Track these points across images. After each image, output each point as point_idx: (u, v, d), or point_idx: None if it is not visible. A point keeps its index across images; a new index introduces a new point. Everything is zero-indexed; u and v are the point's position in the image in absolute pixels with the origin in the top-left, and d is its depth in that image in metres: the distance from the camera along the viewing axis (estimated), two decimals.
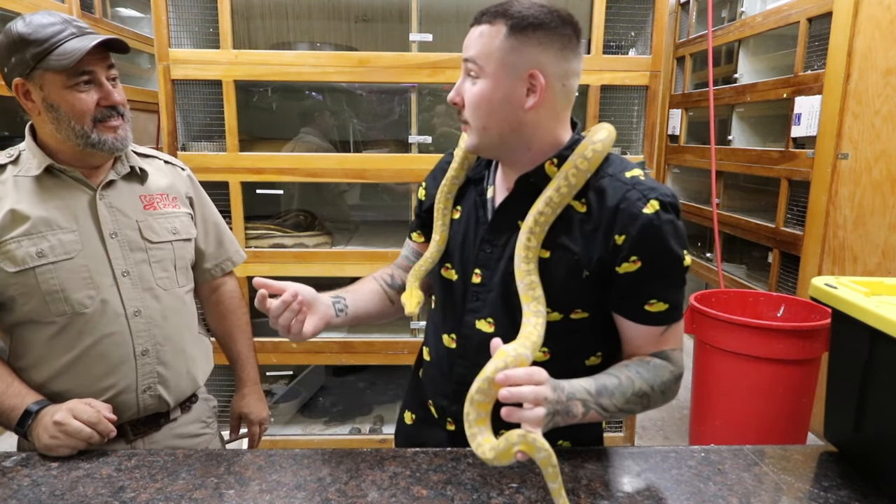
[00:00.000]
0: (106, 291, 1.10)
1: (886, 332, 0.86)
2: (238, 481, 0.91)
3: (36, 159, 1.09)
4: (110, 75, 1.10)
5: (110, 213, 1.13)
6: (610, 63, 2.10)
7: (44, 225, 1.07)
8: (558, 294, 0.95)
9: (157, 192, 1.21)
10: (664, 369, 0.95)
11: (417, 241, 1.18)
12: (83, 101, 1.06)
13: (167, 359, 1.17)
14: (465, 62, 0.92)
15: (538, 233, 0.92)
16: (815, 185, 2.67)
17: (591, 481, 0.92)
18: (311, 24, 2.54)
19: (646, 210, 0.89)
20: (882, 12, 2.33)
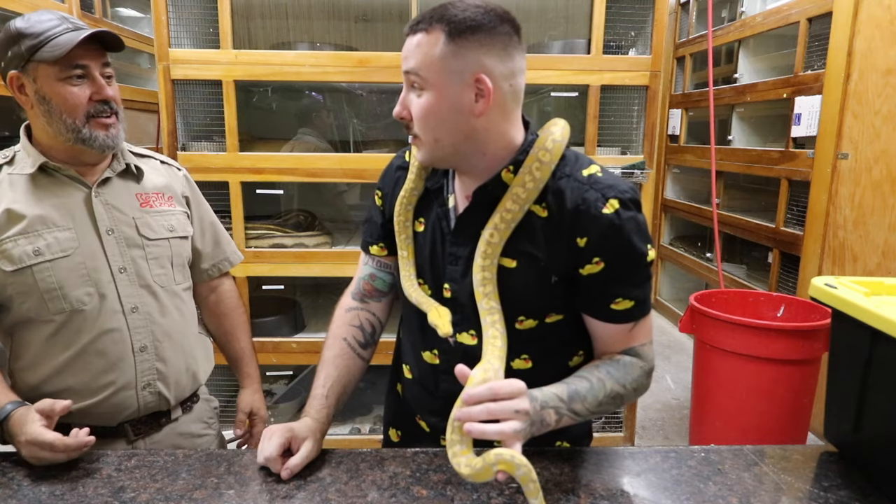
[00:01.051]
0: (104, 288, 1.10)
1: (886, 332, 0.86)
2: (238, 481, 0.91)
3: (30, 158, 1.09)
4: (105, 72, 1.09)
5: (106, 211, 1.12)
6: (610, 63, 2.10)
7: (40, 223, 1.06)
8: (530, 301, 0.95)
9: (153, 190, 1.20)
10: (634, 367, 0.95)
11: (380, 255, 1.12)
12: (75, 95, 1.05)
13: (166, 355, 1.16)
14: (407, 74, 0.88)
15: (496, 243, 0.91)
16: (815, 185, 2.67)
17: (590, 481, 0.92)
18: (311, 24, 2.54)
19: (605, 210, 0.88)
20: (882, 12, 2.33)
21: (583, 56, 2.12)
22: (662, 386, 3.20)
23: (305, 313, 2.49)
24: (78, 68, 1.04)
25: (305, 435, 0.96)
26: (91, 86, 1.06)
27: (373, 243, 1.12)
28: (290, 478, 0.91)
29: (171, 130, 2.08)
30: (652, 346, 0.99)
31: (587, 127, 2.13)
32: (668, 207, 4.37)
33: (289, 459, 0.92)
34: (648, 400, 3.00)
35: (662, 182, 4.36)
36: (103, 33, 1.06)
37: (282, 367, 2.44)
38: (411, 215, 1.04)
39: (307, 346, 2.28)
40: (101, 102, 1.08)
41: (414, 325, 1.07)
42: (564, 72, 2.09)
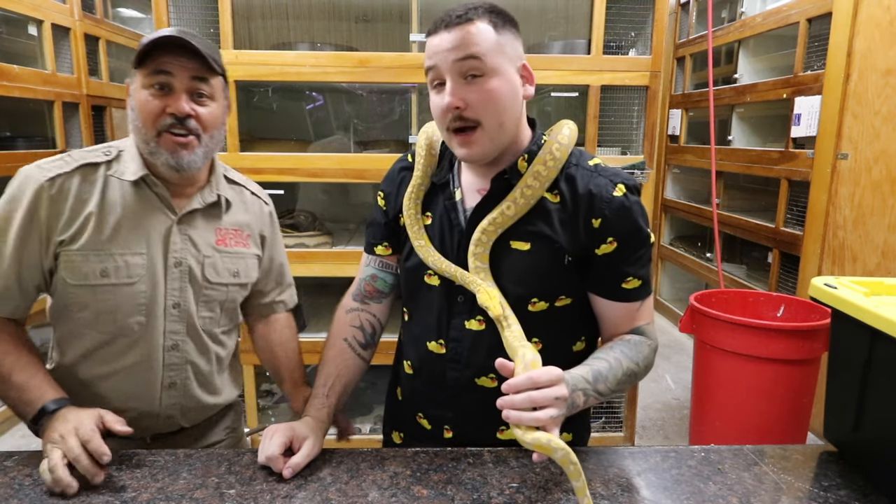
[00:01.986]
0: (154, 320, 1.07)
1: (886, 332, 0.87)
2: (239, 481, 0.91)
3: (134, 164, 1.06)
4: (196, 88, 1.02)
5: (182, 242, 1.09)
6: (610, 63, 2.10)
7: (115, 243, 1.04)
8: (542, 283, 0.99)
9: (234, 226, 1.16)
10: (643, 345, 1.01)
11: (384, 254, 1.14)
12: (150, 102, 1.00)
13: (192, 394, 1.14)
14: (464, 60, 0.90)
15: (493, 231, 0.97)
16: (814, 186, 2.67)
17: (590, 481, 0.92)
18: (312, 25, 2.54)
19: (616, 193, 0.95)
20: (882, 13, 2.33)
21: (583, 56, 2.12)
22: (662, 386, 3.20)
23: (307, 313, 2.49)
24: (161, 74, 0.99)
25: (306, 434, 0.96)
26: (168, 99, 1.01)
27: (377, 244, 1.14)
28: (292, 477, 0.92)
29: None
30: (654, 326, 1.06)
31: (587, 127, 2.13)
32: (668, 207, 4.37)
33: (290, 458, 0.92)
34: (648, 400, 3.00)
35: (662, 182, 4.36)
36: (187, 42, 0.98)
37: None
38: (420, 208, 1.07)
39: (308, 346, 2.26)
40: (177, 118, 1.01)
41: (418, 316, 1.08)
42: (564, 72, 2.09)
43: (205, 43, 1.03)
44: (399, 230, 1.10)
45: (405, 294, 1.12)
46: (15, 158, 2.54)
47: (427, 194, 1.07)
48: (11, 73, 2.54)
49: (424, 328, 1.07)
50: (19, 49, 2.83)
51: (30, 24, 2.73)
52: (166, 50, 0.99)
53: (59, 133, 2.82)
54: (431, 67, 0.94)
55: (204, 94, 1.04)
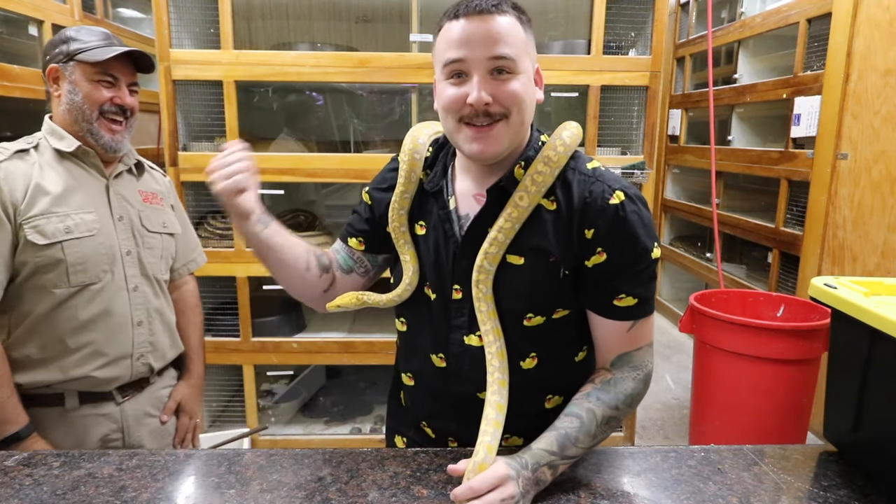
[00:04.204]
0: (115, 267, 1.26)
1: (886, 331, 0.87)
2: (239, 481, 0.91)
3: (64, 140, 1.25)
4: (131, 87, 1.29)
5: (117, 200, 1.29)
6: (610, 63, 2.10)
7: (68, 204, 1.21)
8: (539, 297, 0.94)
9: (150, 191, 1.38)
10: (626, 381, 0.94)
11: (355, 247, 1.09)
12: (99, 92, 1.24)
13: (157, 330, 1.34)
14: (496, 60, 0.85)
15: (502, 241, 0.91)
16: (814, 186, 2.67)
17: (591, 481, 0.92)
18: (312, 25, 2.54)
19: (612, 201, 0.89)
20: (881, 13, 2.34)
21: (583, 56, 2.12)
22: (662, 386, 3.20)
23: (306, 313, 2.50)
24: (109, 76, 1.24)
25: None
26: (115, 91, 1.25)
27: (351, 235, 1.09)
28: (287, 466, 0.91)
29: (171, 131, 2.08)
30: (651, 349, 0.98)
31: (587, 127, 2.13)
32: (668, 207, 4.37)
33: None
34: (648, 400, 3.01)
35: (662, 182, 4.36)
36: (138, 53, 1.26)
37: (282, 367, 2.44)
38: (406, 220, 1.02)
39: (307, 346, 2.28)
40: (119, 107, 1.25)
41: (417, 328, 1.04)
42: (564, 72, 2.09)
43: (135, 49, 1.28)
44: (385, 235, 1.05)
45: (400, 304, 1.06)
46: None
47: (420, 202, 1.01)
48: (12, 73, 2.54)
49: (424, 340, 1.03)
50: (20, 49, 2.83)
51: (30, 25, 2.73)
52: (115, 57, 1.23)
53: None
54: (455, 60, 0.86)
55: (136, 91, 1.31)
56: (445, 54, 0.88)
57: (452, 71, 0.88)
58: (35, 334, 1.21)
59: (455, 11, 0.88)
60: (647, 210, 0.93)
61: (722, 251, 3.35)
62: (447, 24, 0.88)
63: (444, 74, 0.89)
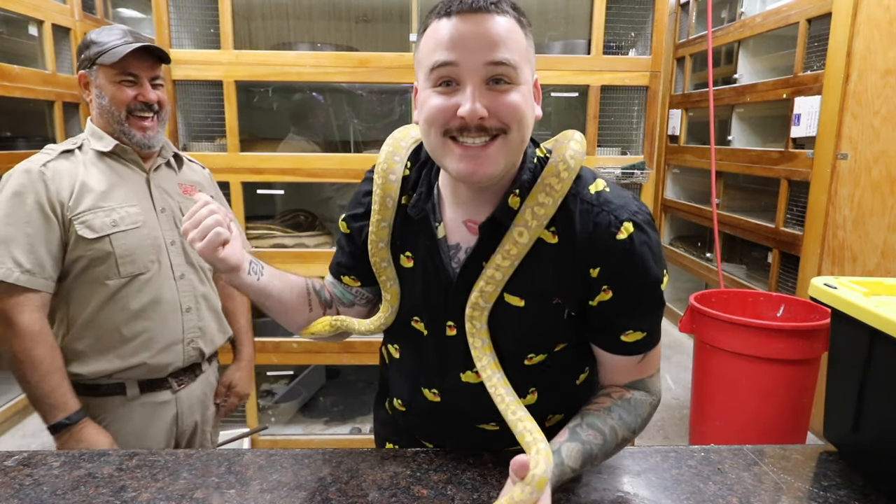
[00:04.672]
0: (161, 257, 1.32)
1: (885, 331, 0.87)
2: (239, 481, 0.91)
3: (103, 141, 1.30)
4: (154, 81, 1.31)
5: (158, 193, 1.34)
6: (610, 63, 2.10)
7: (113, 199, 1.27)
8: (541, 339, 0.88)
9: (189, 183, 1.42)
10: (644, 405, 0.89)
11: (351, 284, 1.00)
12: (123, 92, 1.28)
13: (204, 316, 1.39)
14: (495, 66, 0.74)
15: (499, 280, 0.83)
16: (814, 186, 2.67)
17: (590, 480, 0.92)
18: (312, 25, 2.54)
19: (620, 236, 0.80)
20: (881, 13, 2.34)
21: (583, 56, 2.12)
22: (662, 386, 3.20)
23: None
24: (129, 75, 1.27)
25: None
26: (137, 89, 1.29)
27: (344, 273, 1.00)
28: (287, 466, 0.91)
29: (171, 131, 2.08)
30: (659, 375, 0.94)
31: (587, 127, 2.13)
32: (668, 207, 4.37)
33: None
34: None
35: (662, 182, 4.36)
36: (152, 47, 1.29)
37: (282, 366, 2.44)
38: (388, 252, 0.91)
39: (307, 346, 2.28)
40: (144, 104, 1.29)
41: (408, 359, 0.98)
42: (564, 72, 2.09)
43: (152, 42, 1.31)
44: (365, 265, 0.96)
45: (390, 332, 0.99)
46: (15, 158, 2.51)
47: (404, 229, 0.90)
48: (12, 74, 2.54)
49: (416, 373, 0.96)
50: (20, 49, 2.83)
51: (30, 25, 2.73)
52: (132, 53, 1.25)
53: (59, 133, 2.82)
54: (445, 63, 0.74)
55: (160, 84, 1.33)
56: (432, 57, 0.75)
57: (441, 77, 0.75)
58: (92, 326, 1.27)
59: (446, 8, 0.75)
60: (656, 233, 0.84)
61: (722, 251, 3.35)
62: (435, 22, 0.76)
63: (430, 81, 0.76)
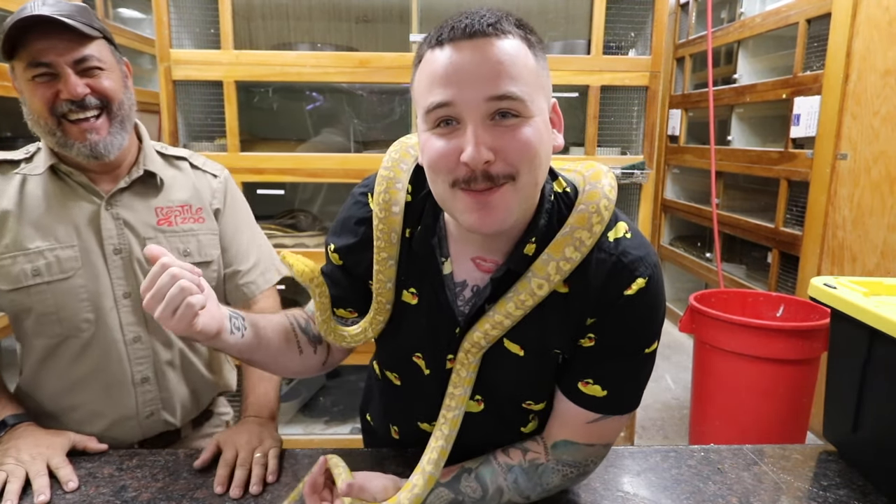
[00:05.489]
0: (105, 314, 1.01)
1: (885, 331, 0.87)
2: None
3: (41, 158, 1.01)
4: (83, 67, 0.94)
5: (117, 227, 1.02)
6: (610, 63, 2.10)
7: (42, 237, 0.97)
8: (538, 388, 0.84)
9: (178, 203, 1.08)
10: (555, 476, 0.82)
11: (346, 316, 0.90)
12: (38, 94, 0.93)
13: (172, 385, 1.09)
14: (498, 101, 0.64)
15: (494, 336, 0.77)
16: (814, 186, 2.67)
17: (590, 480, 0.92)
18: (312, 25, 2.54)
19: (628, 291, 0.74)
20: (881, 13, 2.34)
21: (583, 56, 2.12)
22: (662, 386, 3.20)
23: None
24: (41, 66, 0.92)
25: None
26: (56, 83, 0.93)
27: (340, 307, 0.89)
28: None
29: (171, 131, 2.08)
30: (606, 452, 0.85)
31: (587, 127, 2.13)
32: (667, 207, 4.37)
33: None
34: (648, 400, 3.01)
35: (662, 182, 4.36)
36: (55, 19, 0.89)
37: None
38: (393, 292, 0.83)
39: None
40: (71, 101, 0.93)
41: (404, 393, 0.93)
42: (564, 72, 2.10)
43: (73, 8, 0.93)
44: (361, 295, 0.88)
45: (388, 362, 0.93)
46: None
47: (409, 264, 0.82)
48: None
49: (416, 406, 0.91)
50: None
51: None
52: (35, 31, 0.90)
53: None
54: (441, 104, 0.65)
55: (94, 67, 0.95)
56: (428, 97, 0.66)
57: (438, 118, 0.67)
58: (34, 385, 1.05)
59: (437, 36, 0.66)
60: (663, 291, 0.77)
61: (722, 251, 3.35)
62: (428, 53, 0.67)
63: (428, 123, 0.68)
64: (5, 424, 0.97)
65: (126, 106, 1.00)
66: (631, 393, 0.80)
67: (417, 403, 0.91)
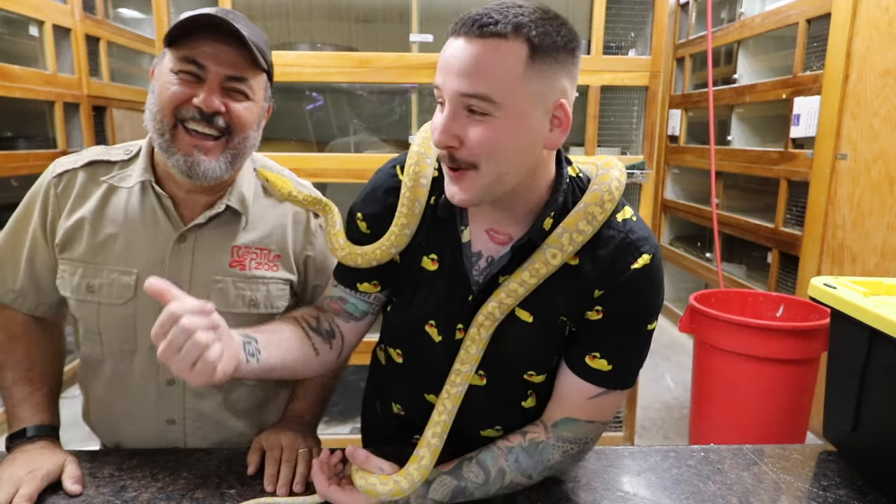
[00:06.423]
0: (145, 350, 0.96)
1: (885, 331, 0.87)
2: (239, 480, 0.91)
3: (138, 168, 0.95)
4: (234, 86, 0.88)
5: (186, 263, 0.94)
6: (610, 63, 2.10)
7: (106, 256, 0.93)
8: (543, 358, 0.88)
9: (257, 244, 0.98)
10: (555, 452, 0.85)
11: (370, 291, 0.93)
12: (173, 87, 0.86)
13: (200, 433, 1.02)
14: (468, 98, 0.71)
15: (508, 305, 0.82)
16: (814, 186, 2.67)
17: (590, 480, 0.92)
18: (312, 25, 2.54)
19: (634, 265, 0.80)
20: (880, 14, 2.34)
21: (583, 56, 2.12)
22: (662, 386, 3.20)
23: None
24: (192, 64, 0.85)
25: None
26: (197, 87, 0.86)
27: (361, 279, 0.92)
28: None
29: None
30: (602, 429, 0.89)
31: (587, 127, 2.13)
32: (667, 207, 4.37)
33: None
34: (648, 399, 3.01)
35: (662, 182, 4.36)
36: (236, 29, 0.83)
37: None
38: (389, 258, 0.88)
39: None
40: (200, 111, 0.86)
41: (410, 364, 0.95)
42: None
43: (253, 30, 0.89)
44: (393, 264, 0.91)
45: (394, 337, 0.96)
46: (16, 158, 2.54)
47: (432, 231, 0.88)
48: (12, 74, 2.54)
49: (419, 379, 0.94)
50: (20, 50, 2.83)
51: (31, 25, 2.73)
52: (205, 32, 0.85)
53: (59, 133, 2.82)
54: (435, 87, 0.76)
55: (242, 92, 0.90)
56: (435, 76, 0.76)
57: (437, 96, 0.77)
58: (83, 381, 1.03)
59: (453, 26, 0.75)
60: (663, 272, 0.85)
61: (721, 251, 3.35)
62: (448, 38, 0.76)
63: (435, 96, 0.77)
64: (24, 434, 0.92)
65: (248, 143, 0.93)
66: (633, 368, 0.86)
67: (422, 376, 0.93)
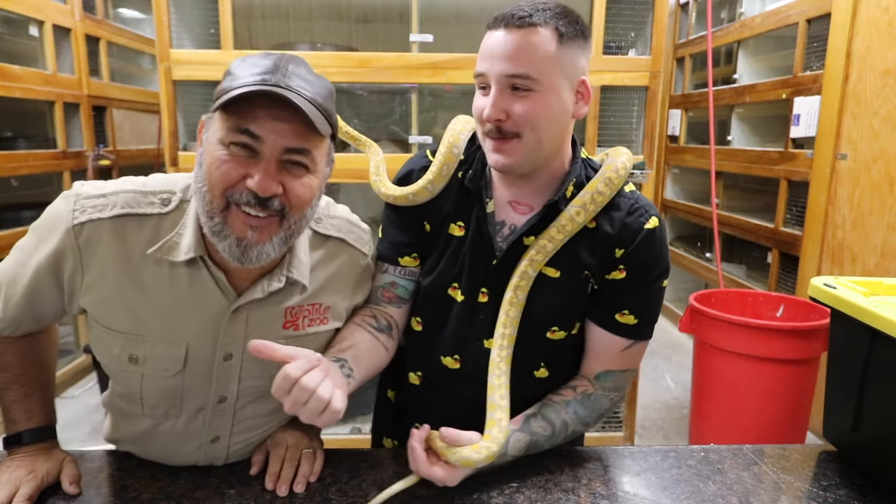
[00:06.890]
0: (191, 414, 0.92)
1: (885, 331, 0.87)
2: (239, 480, 0.91)
3: (188, 240, 0.84)
4: (292, 158, 0.79)
5: (240, 333, 0.89)
6: (610, 63, 2.10)
7: (150, 327, 0.85)
8: (567, 312, 0.98)
9: (308, 301, 0.93)
10: (604, 400, 0.99)
11: (411, 265, 1.04)
12: (224, 164, 0.77)
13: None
14: (512, 77, 0.86)
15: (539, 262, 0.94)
16: (814, 186, 2.67)
17: (590, 481, 0.92)
18: (312, 25, 2.54)
19: (647, 225, 0.94)
20: (880, 14, 2.34)
21: None
22: (662, 386, 3.20)
23: None
24: (246, 135, 0.76)
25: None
26: (251, 166, 0.77)
27: (404, 254, 1.04)
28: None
29: (172, 131, 2.08)
30: (632, 375, 1.02)
31: (587, 127, 2.13)
32: (667, 207, 4.37)
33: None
34: (648, 399, 3.01)
35: (662, 182, 4.36)
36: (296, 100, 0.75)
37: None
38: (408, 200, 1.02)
39: None
40: (254, 195, 0.78)
41: (430, 328, 1.04)
42: None
43: (316, 84, 0.82)
44: (428, 236, 1.03)
45: (420, 304, 1.05)
46: (16, 158, 2.54)
47: (457, 200, 1.00)
48: (12, 74, 2.54)
49: (438, 342, 1.02)
50: (20, 50, 2.83)
51: (31, 25, 2.73)
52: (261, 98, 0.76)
53: (59, 133, 2.82)
54: (479, 74, 0.90)
55: (302, 165, 0.81)
56: (477, 65, 0.90)
57: (479, 82, 0.91)
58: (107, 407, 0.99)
59: (493, 21, 0.89)
60: (666, 234, 0.99)
61: (721, 251, 3.35)
62: (488, 31, 0.90)
63: (477, 85, 0.92)
64: (20, 439, 0.89)
65: (305, 220, 0.85)
66: (653, 321, 1.00)
67: (440, 339, 1.02)
